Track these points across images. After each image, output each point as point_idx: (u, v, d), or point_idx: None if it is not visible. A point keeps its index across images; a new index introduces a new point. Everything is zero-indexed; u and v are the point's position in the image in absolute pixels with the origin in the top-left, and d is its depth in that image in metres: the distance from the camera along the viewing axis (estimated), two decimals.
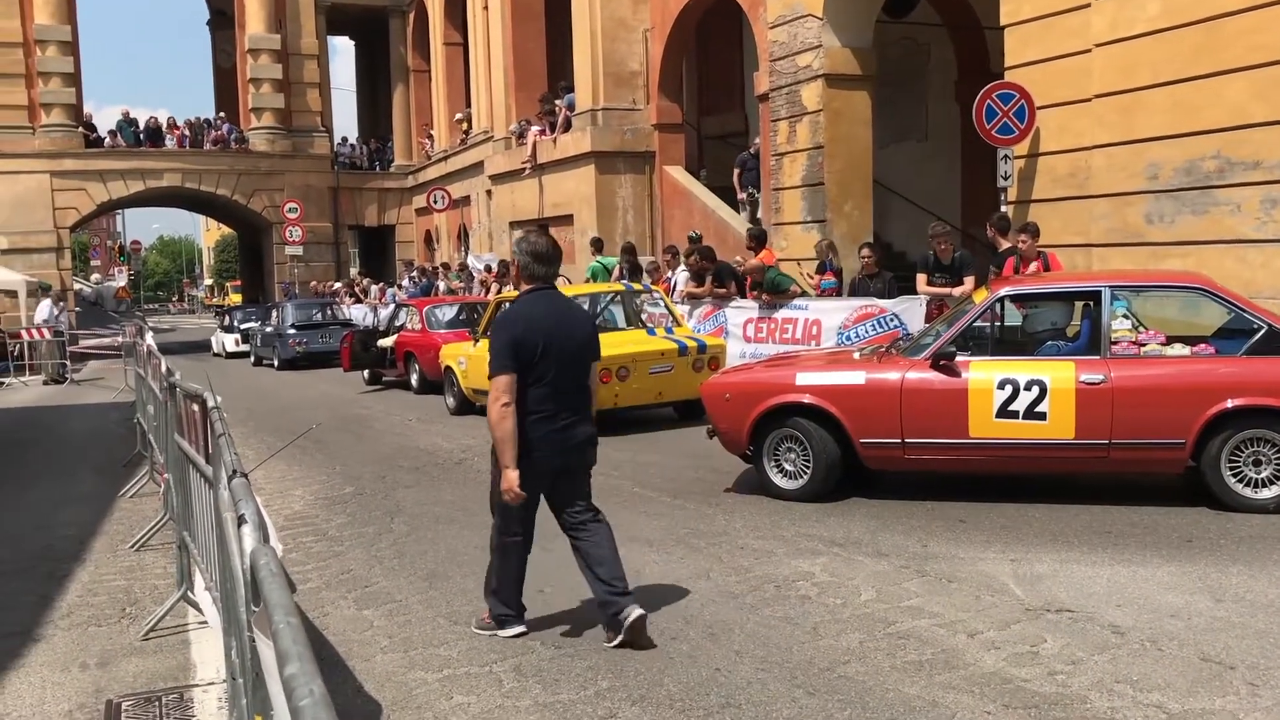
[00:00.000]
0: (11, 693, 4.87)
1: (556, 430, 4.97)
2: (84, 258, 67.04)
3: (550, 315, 5.03)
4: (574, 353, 5.04)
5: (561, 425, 4.98)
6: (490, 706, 4.33)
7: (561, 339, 4.98)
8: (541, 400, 4.93)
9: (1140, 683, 4.24)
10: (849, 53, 15.45)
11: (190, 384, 5.64)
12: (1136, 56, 10.62)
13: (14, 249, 30.25)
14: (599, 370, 5.19)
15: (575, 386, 5.06)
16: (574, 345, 5.04)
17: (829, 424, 7.48)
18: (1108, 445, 6.90)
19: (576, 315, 5.34)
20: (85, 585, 6.60)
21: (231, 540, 2.78)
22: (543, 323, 4.97)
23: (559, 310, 5.13)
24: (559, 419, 4.97)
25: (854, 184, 15.80)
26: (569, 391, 5.01)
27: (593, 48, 20.98)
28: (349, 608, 5.77)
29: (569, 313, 5.23)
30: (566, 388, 5.00)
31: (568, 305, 5.34)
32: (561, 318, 5.08)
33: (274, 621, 1.60)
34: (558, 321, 5.03)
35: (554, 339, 4.94)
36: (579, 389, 5.08)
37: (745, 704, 4.21)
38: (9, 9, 30.43)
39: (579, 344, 5.08)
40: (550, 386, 4.94)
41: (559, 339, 4.96)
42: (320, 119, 35.45)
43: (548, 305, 5.09)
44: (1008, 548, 6.21)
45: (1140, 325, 7.38)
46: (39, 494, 9.84)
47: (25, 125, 30.92)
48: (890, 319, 11.59)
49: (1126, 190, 10.86)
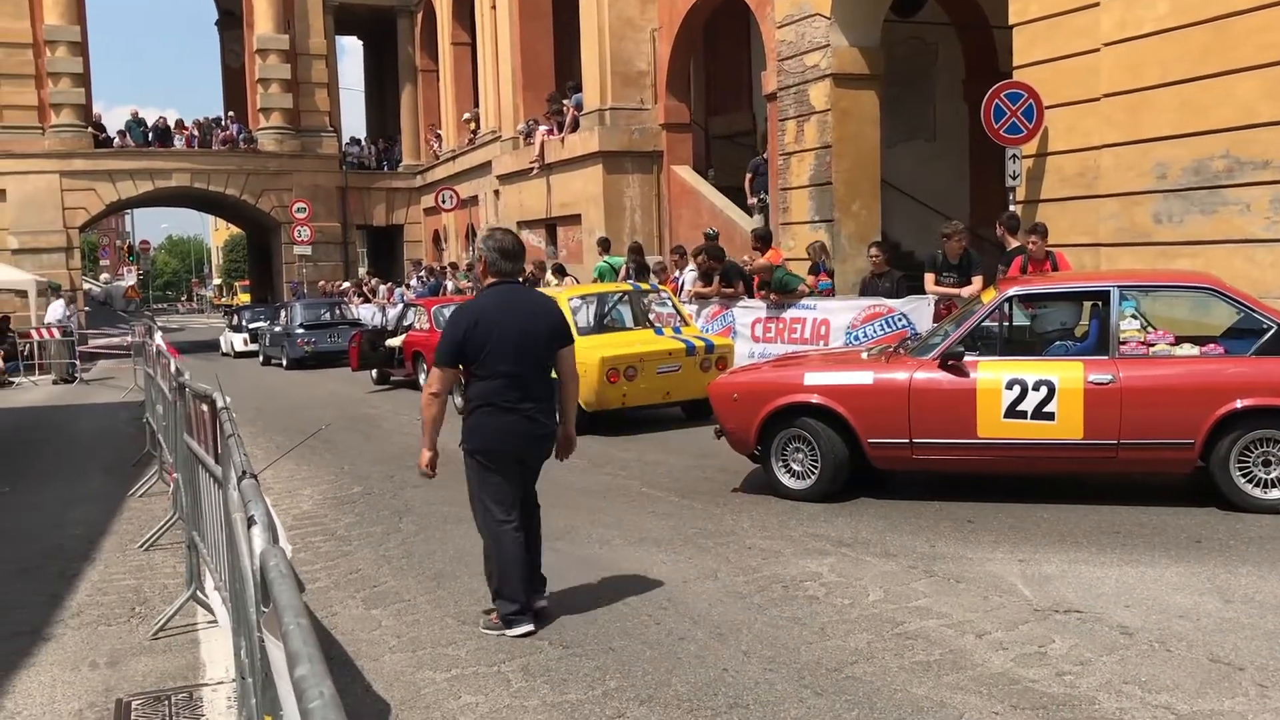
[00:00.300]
0: (22, 691, 4.89)
1: (520, 419, 5.11)
2: (93, 257, 67.24)
3: (508, 309, 5.15)
4: (532, 344, 5.14)
5: (525, 415, 5.12)
6: (498, 706, 4.33)
7: (519, 332, 5.10)
8: (503, 390, 5.09)
9: (1149, 684, 4.24)
10: (857, 52, 15.43)
11: (200, 384, 5.66)
12: (1145, 56, 10.59)
13: (24, 249, 30.38)
14: (606, 370, 5.23)
15: (538, 378, 5.17)
16: (532, 336, 5.14)
17: (837, 424, 7.47)
18: (1116, 445, 6.88)
19: (539, 308, 5.35)
20: (95, 584, 6.63)
21: (241, 540, 2.79)
22: (498, 316, 5.10)
23: (519, 304, 5.22)
24: (521, 408, 5.11)
25: (862, 183, 15.78)
26: (531, 383, 5.14)
27: (600, 47, 20.99)
28: (357, 607, 5.79)
29: (530, 306, 5.30)
30: (528, 379, 5.12)
31: (530, 298, 5.44)
32: (521, 311, 5.18)
33: (284, 623, 1.60)
34: (516, 314, 5.13)
35: (510, 331, 5.07)
36: (542, 381, 5.19)
37: (753, 704, 4.22)
38: (19, 10, 30.55)
39: (541, 336, 5.19)
40: (509, 378, 5.08)
41: (516, 332, 5.09)
42: (328, 119, 35.52)
43: (507, 299, 5.20)
44: (1016, 548, 6.21)
45: (1149, 325, 7.36)
46: (49, 493, 9.88)
47: (35, 125, 31.05)
48: (898, 319, 11.57)
49: (1135, 190, 10.83)
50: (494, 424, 5.12)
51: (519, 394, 5.10)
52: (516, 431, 5.12)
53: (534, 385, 5.16)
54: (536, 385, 5.17)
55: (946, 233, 11.25)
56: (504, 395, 5.09)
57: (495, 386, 5.08)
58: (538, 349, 5.17)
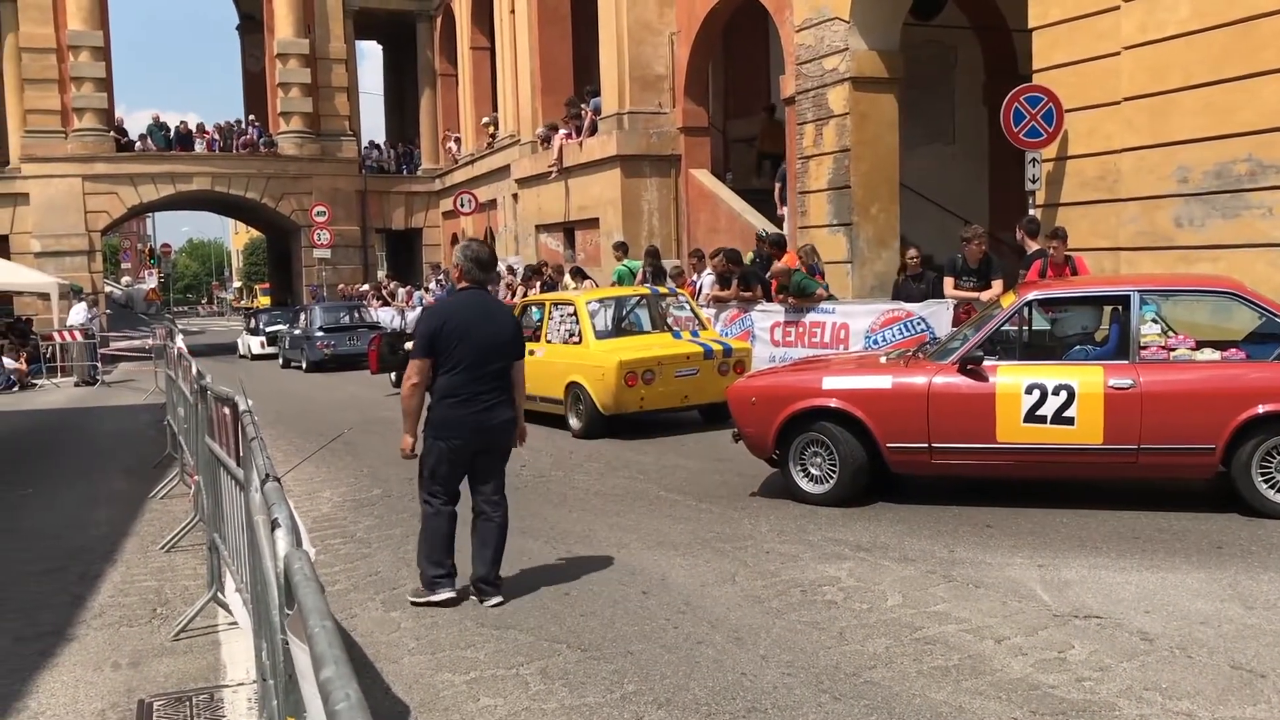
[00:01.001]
0: (46, 691, 4.93)
1: (476, 412, 5.69)
2: (114, 260, 67.67)
3: (474, 312, 5.79)
4: (494, 346, 5.75)
5: (482, 407, 5.70)
6: (517, 709, 4.35)
7: (482, 333, 5.71)
8: (462, 385, 5.66)
9: (1169, 690, 4.22)
10: (876, 55, 15.41)
11: (221, 387, 5.69)
12: (1167, 59, 10.54)
13: (47, 252, 30.63)
14: (624, 374, 5.45)
15: (495, 374, 5.76)
16: (495, 339, 5.76)
17: (855, 428, 7.46)
18: (1136, 450, 6.85)
19: (501, 314, 6.06)
20: (117, 585, 6.68)
21: (263, 543, 2.81)
22: (465, 317, 5.73)
23: (484, 308, 5.89)
24: (478, 401, 5.69)
25: (880, 187, 15.75)
26: (489, 378, 5.72)
27: (619, 51, 21.01)
28: (377, 609, 5.81)
29: (493, 311, 5.97)
30: (486, 375, 5.71)
31: (493, 305, 6.15)
32: (485, 315, 5.83)
33: (309, 626, 1.62)
34: (480, 317, 5.77)
35: (473, 332, 5.68)
36: (499, 376, 5.78)
37: (771, 709, 4.22)
38: (43, 16, 30.81)
39: (501, 339, 5.81)
40: (469, 374, 5.67)
41: (479, 333, 5.70)
42: (348, 123, 35.66)
43: (474, 303, 5.86)
44: (1035, 553, 6.19)
45: (1170, 330, 7.33)
46: (71, 494, 9.95)
47: (58, 130, 31.29)
48: (918, 322, 11.55)
49: (1156, 193, 10.78)
50: (456, 415, 5.69)
51: (478, 387, 5.68)
52: (476, 423, 5.70)
53: (492, 380, 5.74)
54: (494, 380, 5.75)
55: (966, 236, 11.24)
56: (466, 388, 5.66)
57: (459, 380, 5.66)
58: (497, 350, 5.77)
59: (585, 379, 11.27)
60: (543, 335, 12.41)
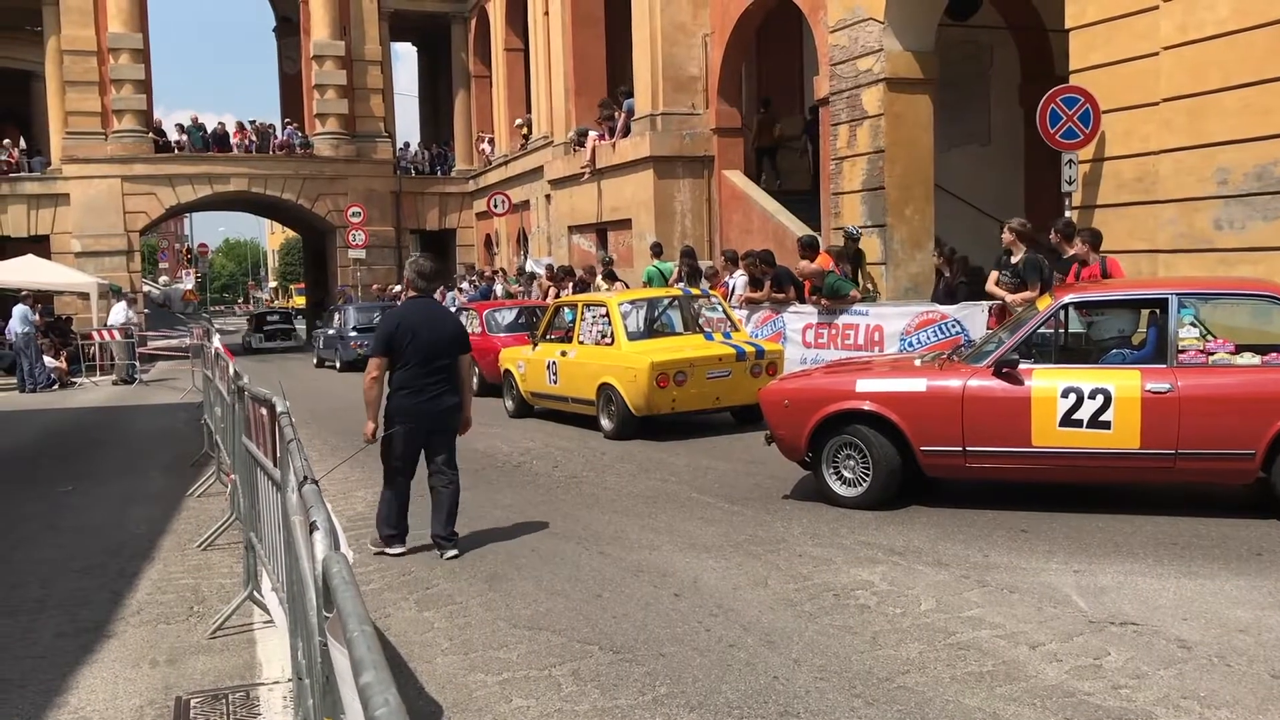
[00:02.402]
0: (86, 688, 5.00)
1: (425, 400, 6.78)
2: (153, 260, 68.44)
3: (421, 316, 6.88)
4: (439, 345, 6.82)
5: (429, 397, 6.79)
6: (549, 710, 4.36)
7: (428, 334, 6.78)
8: (413, 378, 6.76)
9: (1208, 699, 4.17)
10: (910, 56, 15.32)
11: (259, 388, 5.75)
12: (1207, 59, 10.42)
13: (86, 252, 31.04)
14: (656, 375, 5.65)
15: (441, 369, 6.82)
16: (440, 339, 6.83)
17: (889, 431, 7.43)
18: (1174, 455, 6.78)
19: (445, 318, 7.25)
20: (154, 583, 6.76)
21: (300, 544, 2.83)
22: (414, 321, 6.82)
23: (430, 313, 7.01)
24: (426, 392, 6.77)
25: (915, 188, 15.67)
26: (435, 372, 6.79)
27: (652, 52, 21.02)
28: (410, 609, 5.85)
29: (438, 315, 7.14)
30: (433, 370, 6.78)
31: (438, 310, 7.40)
32: (430, 318, 6.94)
33: (348, 630, 1.63)
34: (426, 321, 6.85)
35: (421, 333, 6.75)
36: (445, 371, 6.84)
37: (803, 713, 4.21)
38: (84, 19, 31.24)
39: (445, 339, 6.88)
40: (419, 369, 6.74)
41: (425, 334, 6.76)
42: (383, 124, 35.89)
43: (421, 309, 6.98)
44: (1071, 558, 6.14)
45: (1208, 333, 7.24)
46: (110, 492, 10.08)
47: (98, 131, 31.71)
48: (952, 325, 11.48)
49: (1195, 195, 10.66)
50: (410, 403, 6.77)
51: (426, 380, 6.76)
52: (427, 410, 6.79)
53: (438, 373, 6.80)
54: (440, 373, 6.81)
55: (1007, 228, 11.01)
56: (416, 381, 6.75)
57: (410, 374, 6.75)
58: (442, 348, 6.84)
59: (617, 380, 11.28)
60: (575, 336, 12.45)
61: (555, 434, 11.99)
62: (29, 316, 22.31)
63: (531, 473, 9.74)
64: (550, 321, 13.46)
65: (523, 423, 13.22)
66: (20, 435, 15.10)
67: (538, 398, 13.32)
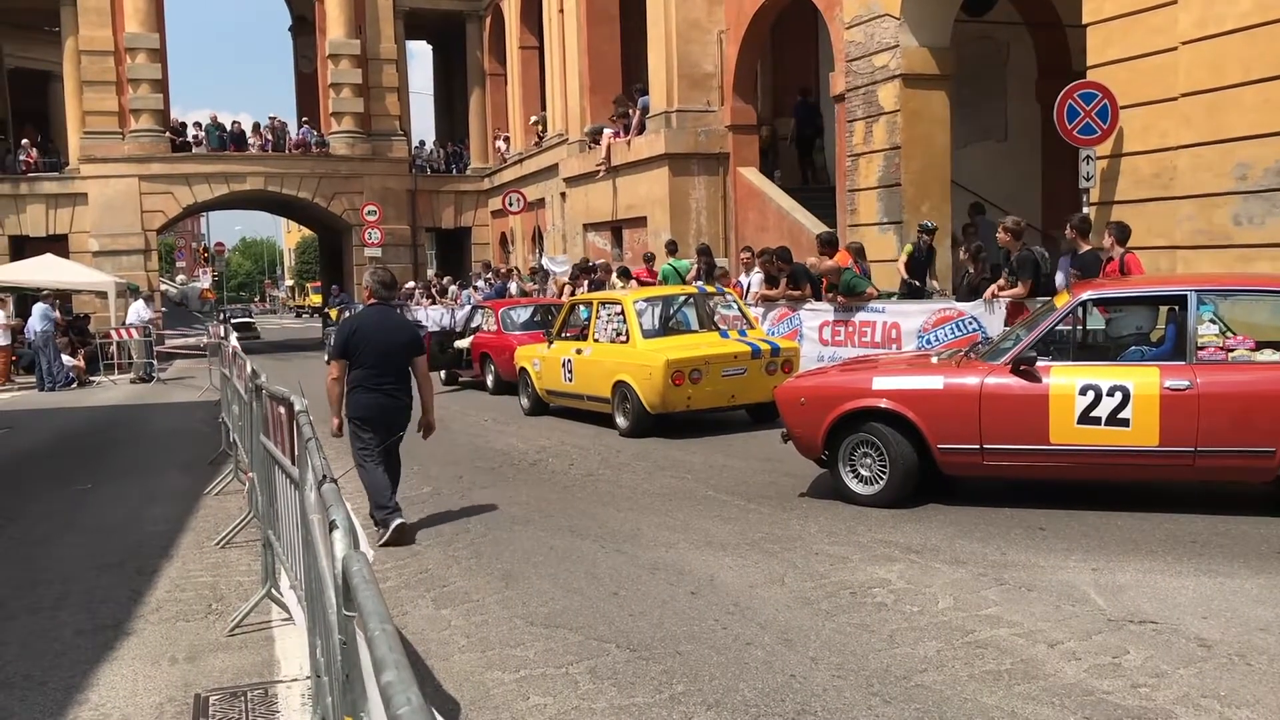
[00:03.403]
0: (106, 684, 5.03)
1: (380, 397, 7.48)
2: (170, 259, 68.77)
3: (376, 322, 7.59)
4: (393, 348, 7.53)
5: (384, 393, 7.48)
6: (566, 708, 4.37)
7: (383, 339, 7.50)
8: (368, 377, 7.45)
9: (1228, 698, 4.15)
10: (927, 52, 15.28)
11: (277, 387, 5.77)
12: (1226, 54, 10.35)
13: (104, 251, 31.23)
14: (671, 373, 6.93)
15: (395, 370, 7.53)
16: (394, 344, 7.55)
17: (906, 429, 7.41)
18: (1193, 453, 6.74)
19: (400, 324, 8.04)
20: (173, 581, 6.79)
21: (318, 542, 2.84)
22: (369, 326, 7.55)
23: (384, 319, 7.68)
24: (381, 389, 7.47)
25: (931, 185, 15.63)
26: (390, 373, 7.50)
27: (667, 50, 21.01)
28: (427, 607, 5.87)
29: (393, 322, 7.85)
30: (387, 371, 7.49)
31: (393, 316, 8.01)
32: (386, 324, 7.65)
33: (369, 629, 1.64)
34: (380, 326, 7.56)
35: (374, 337, 7.47)
36: (397, 370, 7.54)
37: (821, 711, 4.20)
38: (101, 20, 31.41)
39: (399, 343, 7.59)
40: (374, 369, 7.44)
41: (381, 339, 7.48)
42: (399, 123, 35.96)
43: (377, 316, 7.66)
44: (1089, 556, 6.11)
45: (1228, 330, 7.20)
46: (128, 490, 10.14)
47: (116, 131, 31.88)
48: (969, 322, 11.44)
49: (1214, 191, 10.59)
50: (365, 400, 7.47)
51: (381, 379, 7.46)
52: (380, 404, 7.48)
53: (392, 374, 7.51)
54: (393, 375, 7.51)
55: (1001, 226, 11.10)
56: (371, 380, 7.45)
57: (366, 374, 7.45)
58: (395, 350, 7.54)
59: (632, 378, 11.28)
60: (590, 334, 12.45)
61: (571, 432, 12.00)
62: (49, 314, 22.46)
63: (547, 470, 9.75)
64: (565, 319, 13.47)
65: (538, 420, 13.23)
66: (40, 434, 15.20)
67: (553, 395, 13.34)
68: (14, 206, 31.45)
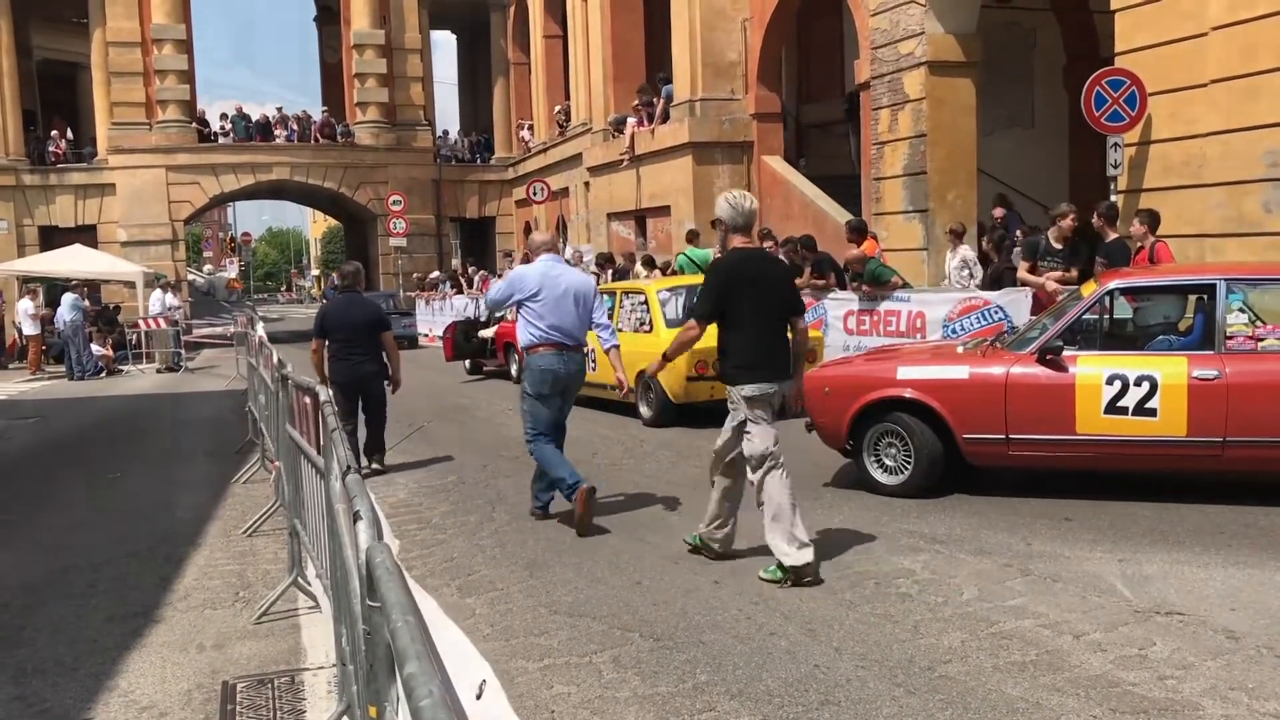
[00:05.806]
0: (135, 671, 5.08)
1: (351, 366, 9.26)
2: (197, 249, 69.22)
3: (346, 305, 9.59)
4: (358, 325, 9.27)
5: (354, 363, 9.26)
6: (590, 697, 4.38)
7: (351, 318, 9.30)
8: (341, 351, 9.23)
9: (1256, 691, 4.12)
10: (952, 39, 15.16)
11: (303, 377, 5.81)
12: (1257, 39, 10.22)
13: (132, 241, 31.50)
14: (694, 363, 8.59)
15: (363, 343, 9.29)
16: (359, 322, 9.30)
17: (931, 419, 7.38)
18: (1222, 443, 6.68)
19: (367, 306, 9.78)
20: (201, 568, 6.85)
21: (344, 532, 2.86)
22: (337, 309, 9.55)
23: (353, 303, 9.60)
24: (352, 360, 9.25)
25: (957, 172, 15.51)
26: (358, 345, 9.27)
27: (691, 38, 20.95)
28: (451, 595, 5.89)
29: (361, 305, 9.64)
30: (358, 345, 9.27)
31: (361, 302, 9.77)
32: (355, 307, 9.49)
33: (392, 620, 1.65)
34: (347, 309, 9.46)
35: (346, 319, 9.30)
36: (364, 345, 9.29)
37: (844, 701, 4.20)
38: (129, 11, 31.64)
39: (364, 322, 9.33)
40: (345, 344, 9.23)
41: (348, 318, 9.30)
42: (423, 113, 36.05)
43: (347, 300, 9.67)
44: (1115, 547, 6.07)
45: (1258, 319, 7.12)
46: (157, 478, 10.23)
47: (143, 121, 32.12)
48: (995, 311, 11.37)
49: (1244, 178, 10.47)
50: (338, 367, 9.21)
51: (351, 352, 9.25)
52: (352, 373, 9.25)
53: (361, 347, 9.28)
54: (362, 347, 9.28)
55: (1054, 214, 10.93)
56: (342, 351, 9.23)
57: (338, 347, 9.23)
58: (360, 328, 9.28)
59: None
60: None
61: (594, 421, 12.01)
62: (79, 304, 22.66)
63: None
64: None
65: None
66: (70, 422, 15.36)
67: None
68: (44, 197, 31.77)
